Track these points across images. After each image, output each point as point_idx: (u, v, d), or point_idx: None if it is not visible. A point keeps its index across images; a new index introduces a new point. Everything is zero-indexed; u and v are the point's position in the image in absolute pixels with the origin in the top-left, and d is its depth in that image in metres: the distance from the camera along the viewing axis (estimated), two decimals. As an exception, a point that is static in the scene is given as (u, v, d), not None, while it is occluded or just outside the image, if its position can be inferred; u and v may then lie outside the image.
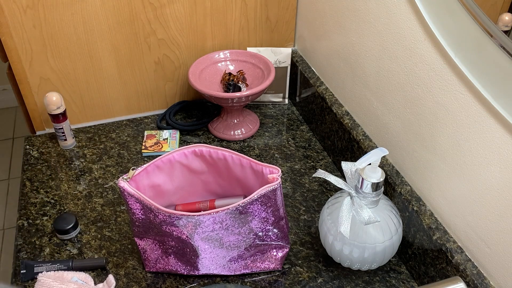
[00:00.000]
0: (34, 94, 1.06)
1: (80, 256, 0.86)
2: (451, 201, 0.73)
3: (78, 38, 1.02)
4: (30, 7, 0.95)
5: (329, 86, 1.07)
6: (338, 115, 1.00)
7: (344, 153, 1.00)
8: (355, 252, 0.77)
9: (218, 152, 0.81)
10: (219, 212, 0.73)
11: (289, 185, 1.00)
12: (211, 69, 1.12)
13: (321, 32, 1.06)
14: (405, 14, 0.75)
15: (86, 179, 1.01)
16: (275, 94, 1.21)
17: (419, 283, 0.81)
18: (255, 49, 1.16)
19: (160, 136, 1.10)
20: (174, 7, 1.05)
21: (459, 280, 0.65)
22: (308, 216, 0.93)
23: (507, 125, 0.60)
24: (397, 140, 0.85)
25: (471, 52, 0.64)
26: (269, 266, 0.82)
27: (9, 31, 0.96)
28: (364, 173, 0.73)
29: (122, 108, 1.16)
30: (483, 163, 0.66)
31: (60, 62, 1.04)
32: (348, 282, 0.82)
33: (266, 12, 1.13)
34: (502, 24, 0.58)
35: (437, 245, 0.75)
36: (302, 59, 1.17)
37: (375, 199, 0.75)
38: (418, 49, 0.74)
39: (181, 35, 1.09)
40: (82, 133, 1.13)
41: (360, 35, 0.90)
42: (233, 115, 1.11)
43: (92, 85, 1.10)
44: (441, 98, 0.71)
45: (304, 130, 1.15)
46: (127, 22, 1.03)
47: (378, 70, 0.86)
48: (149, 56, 1.10)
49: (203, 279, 0.82)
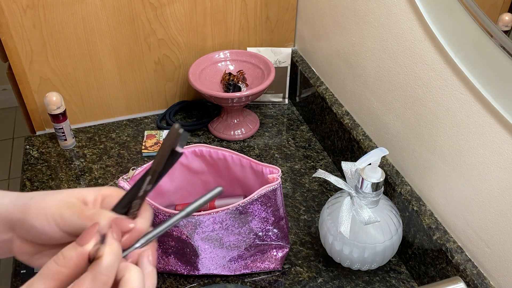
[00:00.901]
0: (34, 94, 1.06)
1: (80, 256, 0.85)
2: (451, 201, 0.73)
3: (78, 38, 1.02)
4: (30, 7, 0.95)
5: (329, 86, 1.07)
6: (338, 115, 1.00)
7: (344, 153, 1.00)
8: (355, 252, 0.77)
9: (218, 152, 0.81)
10: (219, 212, 0.73)
11: (289, 185, 1.00)
12: (211, 69, 1.12)
13: (321, 32, 1.06)
14: (405, 14, 0.75)
15: (86, 179, 1.01)
16: (275, 94, 1.21)
17: (419, 283, 0.81)
18: (255, 49, 1.16)
19: (160, 136, 1.10)
20: (174, 7, 1.05)
21: (459, 280, 0.65)
22: (308, 216, 0.93)
23: (507, 125, 0.60)
24: (397, 140, 0.85)
25: (471, 52, 0.64)
26: (269, 266, 0.82)
27: (9, 31, 0.96)
28: (364, 173, 0.73)
29: (122, 108, 1.16)
30: (483, 163, 0.66)
31: (60, 62, 1.04)
32: (348, 282, 0.82)
33: (266, 12, 1.13)
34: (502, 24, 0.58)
35: (437, 245, 0.75)
36: (302, 59, 1.17)
37: (375, 199, 0.75)
38: (418, 49, 0.74)
39: (181, 35, 1.09)
40: (82, 133, 1.13)
41: (360, 35, 0.90)
42: (233, 115, 1.11)
43: (92, 85, 1.10)
44: (441, 98, 0.71)
45: (304, 130, 1.15)
46: (127, 22, 1.03)
47: (378, 70, 0.86)
48: (149, 56, 1.10)
49: (203, 279, 0.82)
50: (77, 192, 0.44)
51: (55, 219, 0.41)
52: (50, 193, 0.43)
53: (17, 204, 0.43)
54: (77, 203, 0.43)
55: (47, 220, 0.41)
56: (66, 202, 0.42)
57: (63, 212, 0.41)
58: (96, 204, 0.44)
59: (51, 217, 0.41)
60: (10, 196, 0.44)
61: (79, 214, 0.41)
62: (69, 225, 0.41)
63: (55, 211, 0.41)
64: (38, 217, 0.41)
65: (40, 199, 0.42)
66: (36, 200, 0.42)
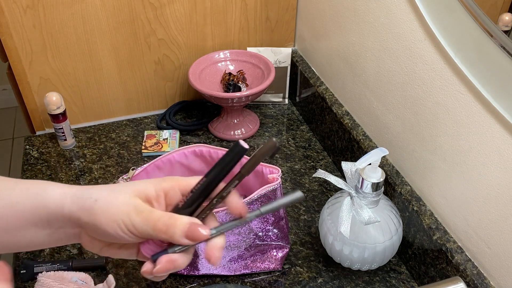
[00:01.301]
0: (34, 94, 1.06)
1: (80, 256, 0.86)
2: (451, 201, 0.73)
3: (78, 38, 1.02)
4: (30, 7, 0.95)
5: (329, 86, 1.07)
6: (338, 115, 1.00)
7: (344, 153, 1.00)
8: (355, 252, 0.77)
9: (218, 152, 0.81)
10: (219, 212, 0.73)
11: (289, 185, 1.00)
12: (211, 69, 1.12)
13: (321, 32, 1.06)
14: (405, 14, 0.75)
15: (86, 179, 1.01)
16: (275, 94, 1.21)
17: (419, 283, 0.81)
18: (255, 49, 1.16)
19: (160, 136, 1.10)
20: (174, 7, 1.05)
21: (459, 280, 0.65)
22: (308, 216, 0.93)
23: (507, 125, 0.60)
24: (397, 140, 0.85)
25: (471, 52, 0.64)
26: (269, 266, 0.82)
27: (9, 31, 0.96)
28: (364, 173, 0.73)
29: (122, 108, 1.16)
30: (483, 163, 0.66)
31: (60, 62, 1.04)
32: (348, 282, 0.82)
33: (266, 12, 1.13)
34: (502, 24, 0.58)
35: (437, 245, 0.75)
36: (302, 59, 1.17)
37: (375, 199, 0.75)
38: (418, 49, 0.74)
39: (181, 35, 1.09)
40: (82, 133, 1.13)
41: (360, 35, 0.90)
42: (233, 115, 1.11)
43: (92, 85, 1.09)
44: (441, 98, 0.71)
45: (304, 130, 1.15)
46: (127, 22, 1.03)
47: (378, 70, 0.86)
48: (149, 56, 1.10)
49: (203, 279, 0.82)
50: (139, 191, 0.44)
51: (127, 226, 0.43)
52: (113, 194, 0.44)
53: (82, 206, 0.43)
54: (145, 207, 0.43)
55: (119, 227, 0.42)
56: (134, 206, 0.43)
57: (133, 220, 0.42)
58: (160, 200, 0.45)
59: (123, 224, 0.42)
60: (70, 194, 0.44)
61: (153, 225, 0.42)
62: (142, 233, 0.43)
63: (126, 219, 0.42)
64: (110, 224, 0.42)
65: (105, 204, 0.43)
66: (102, 204, 0.43)
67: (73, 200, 0.44)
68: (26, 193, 0.44)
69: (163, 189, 0.45)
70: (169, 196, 0.45)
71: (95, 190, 0.44)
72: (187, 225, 0.43)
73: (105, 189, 0.44)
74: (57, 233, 0.45)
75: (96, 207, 0.43)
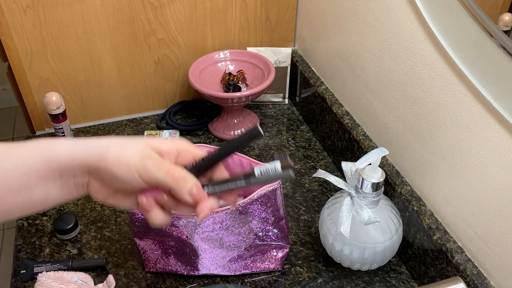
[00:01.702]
0: (34, 94, 1.06)
1: (80, 256, 0.86)
2: (451, 201, 0.73)
3: (78, 38, 1.02)
4: (30, 7, 0.95)
5: (329, 86, 1.07)
6: (338, 115, 1.00)
7: (344, 153, 1.00)
8: (355, 252, 0.76)
9: (218, 152, 0.81)
10: (219, 212, 0.73)
11: (289, 185, 1.00)
12: (211, 69, 1.12)
13: (321, 32, 1.06)
14: (405, 14, 0.75)
15: (86, 179, 1.01)
16: (275, 94, 1.21)
17: (419, 283, 0.81)
18: (255, 49, 1.16)
19: (160, 136, 1.10)
20: (174, 7, 1.05)
21: (459, 280, 0.65)
22: (308, 216, 0.93)
23: (507, 125, 0.60)
24: (397, 140, 0.85)
25: (471, 52, 0.64)
26: (269, 266, 0.82)
27: (9, 31, 0.96)
28: (364, 173, 0.73)
29: (122, 108, 1.16)
30: (483, 163, 0.66)
31: (60, 62, 1.04)
32: (348, 282, 0.82)
33: (266, 12, 1.13)
34: (502, 24, 0.58)
35: (437, 245, 0.75)
36: (302, 59, 1.17)
37: (375, 199, 0.75)
38: (418, 49, 0.74)
39: (181, 35, 1.09)
40: (82, 133, 1.13)
41: (360, 35, 0.90)
42: (233, 115, 1.11)
43: (92, 85, 1.09)
44: (441, 98, 0.71)
45: (304, 130, 1.15)
46: (127, 22, 1.03)
47: (378, 70, 0.86)
48: (149, 56, 1.10)
49: (203, 279, 0.82)
50: (153, 144, 0.47)
51: (138, 171, 0.44)
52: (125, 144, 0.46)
53: (93, 153, 0.45)
54: (156, 156, 0.46)
55: (130, 172, 0.44)
56: (147, 153, 0.45)
57: (146, 163, 0.45)
58: (171, 157, 0.47)
59: (134, 169, 0.44)
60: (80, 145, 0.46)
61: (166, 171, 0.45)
62: (152, 178, 0.45)
63: (138, 164, 0.45)
64: (122, 168, 0.44)
65: (118, 151, 0.45)
66: (114, 151, 0.45)
67: (83, 149, 0.45)
68: (35, 151, 0.45)
69: (177, 148, 0.48)
70: (181, 156, 0.48)
71: (106, 139, 0.46)
72: (196, 183, 0.46)
73: (117, 138, 0.47)
74: (68, 185, 0.47)
75: (108, 152, 0.45)
